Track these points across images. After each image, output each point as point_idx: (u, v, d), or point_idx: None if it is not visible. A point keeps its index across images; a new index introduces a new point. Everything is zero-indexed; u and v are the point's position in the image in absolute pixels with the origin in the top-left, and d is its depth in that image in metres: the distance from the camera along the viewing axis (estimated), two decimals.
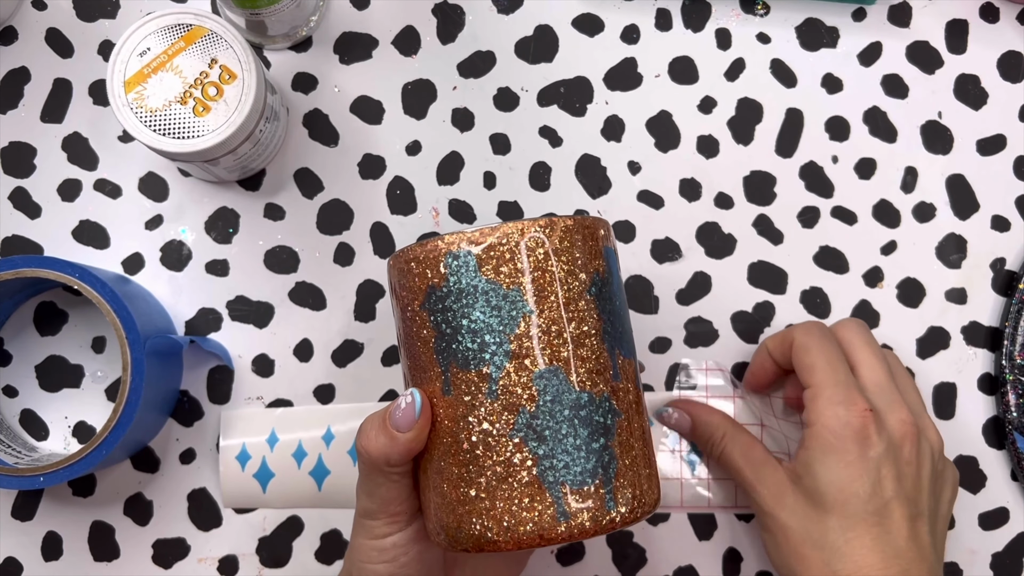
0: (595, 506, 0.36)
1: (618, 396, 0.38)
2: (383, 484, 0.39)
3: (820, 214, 0.54)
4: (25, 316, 0.53)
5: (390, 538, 0.40)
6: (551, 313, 0.37)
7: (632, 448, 0.38)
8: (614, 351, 0.38)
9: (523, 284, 0.37)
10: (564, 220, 0.38)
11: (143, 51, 0.46)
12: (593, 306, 0.38)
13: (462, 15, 0.54)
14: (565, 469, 0.36)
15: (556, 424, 0.36)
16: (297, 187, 0.53)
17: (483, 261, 0.37)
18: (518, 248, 0.37)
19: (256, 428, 0.52)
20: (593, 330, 0.37)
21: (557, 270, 0.37)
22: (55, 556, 0.52)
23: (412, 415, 0.37)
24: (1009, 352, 0.52)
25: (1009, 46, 0.55)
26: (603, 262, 0.39)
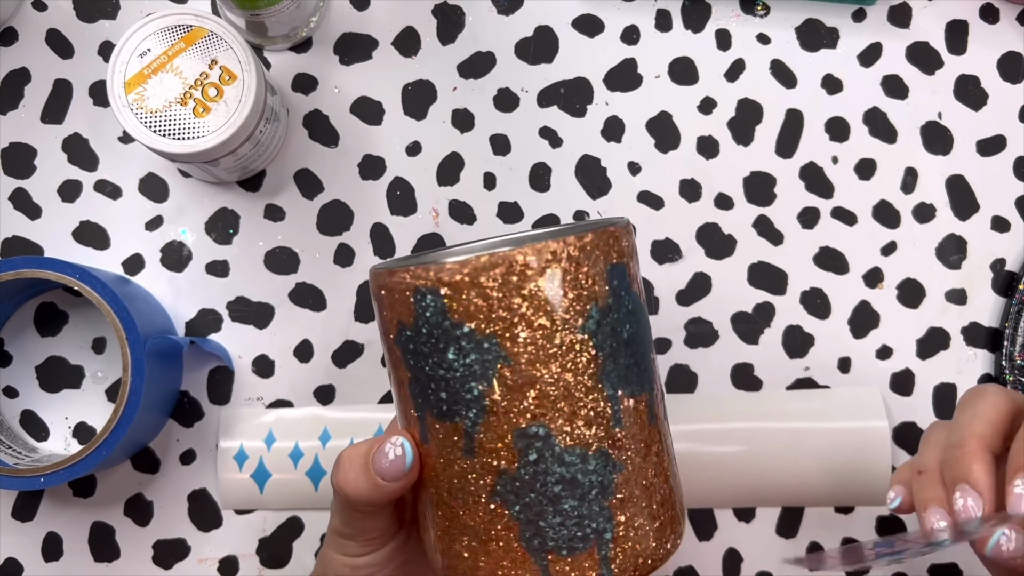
0: (587, 574, 0.32)
1: (619, 446, 0.33)
2: (359, 518, 0.37)
3: (820, 215, 0.54)
4: (25, 317, 0.53)
5: (363, 558, 0.38)
6: (533, 361, 0.31)
7: (636, 501, 0.33)
8: (616, 394, 0.33)
9: (498, 331, 0.31)
10: (554, 245, 0.32)
11: (143, 52, 0.46)
12: (589, 345, 0.32)
13: (462, 16, 0.54)
14: (553, 534, 0.32)
15: (541, 487, 0.32)
16: (297, 188, 0.53)
17: (453, 303, 0.31)
18: (493, 287, 0.31)
19: (254, 429, 0.52)
20: (586, 375, 0.32)
21: (540, 312, 0.32)
22: (55, 557, 0.52)
23: (401, 468, 0.34)
24: (1009, 353, 0.52)
25: (1009, 47, 0.55)
26: (605, 287, 0.32)
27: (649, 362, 0.34)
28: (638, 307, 0.34)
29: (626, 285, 0.33)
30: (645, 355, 0.34)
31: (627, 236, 0.34)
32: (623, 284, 0.33)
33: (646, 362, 0.34)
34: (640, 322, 0.34)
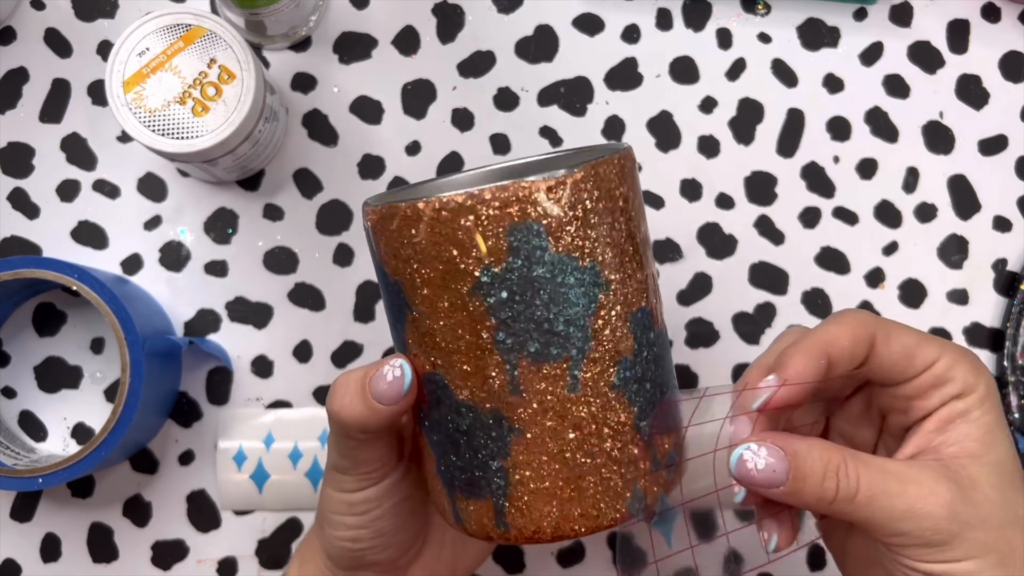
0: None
1: (514, 411, 0.33)
2: (355, 447, 0.36)
3: (821, 214, 0.54)
4: (24, 317, 0.53)
5: (360, 493, 0.37)
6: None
7: (538, 468, 0.33)
8: (513, 358, 0.32)
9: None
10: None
11: (142, 51, 0.45)
12: (481, 308, 0.32)
13: (462, 15, 0.54)
14: (458, 474, 0.34)
15: (443, 429, 0.34)
16: (296, 187, 0.53)
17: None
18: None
19: (253, 430, 0.52)
20: (482, 336, 0.32)
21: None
22: (54, 557, 0.52)
23: (399, 390, 0.33)
24: (1011, 353, 0.52)
25: (1011, 46, 0.55)
26: (503, 245, 0.32)
27: (574, 326, 0.32)
28: (548, 268, 0.32)
29: (535, 244, 0.31)
30: (561, 319, 0.32)
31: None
32: (527, 243, 0.31)
33: (567, 326, 0.32)
34: (556, 287, 0.32)
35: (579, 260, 0.32)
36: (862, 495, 0.32)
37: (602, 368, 0.32)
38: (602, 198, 0.32)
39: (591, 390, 0.32)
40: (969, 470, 0.33)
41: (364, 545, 0.38)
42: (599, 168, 0.32)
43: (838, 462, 0.32)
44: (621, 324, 0.33)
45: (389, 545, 0.39)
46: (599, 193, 0.32)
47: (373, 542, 0.38)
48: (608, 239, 0.32)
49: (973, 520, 0.32)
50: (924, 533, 0.31)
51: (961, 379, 0.34)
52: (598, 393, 0.32)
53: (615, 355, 0.32)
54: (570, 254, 0.31)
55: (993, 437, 0.33)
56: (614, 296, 0.32)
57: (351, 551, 0.38)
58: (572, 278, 0.32)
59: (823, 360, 0.34)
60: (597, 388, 0.32)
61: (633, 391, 0.33)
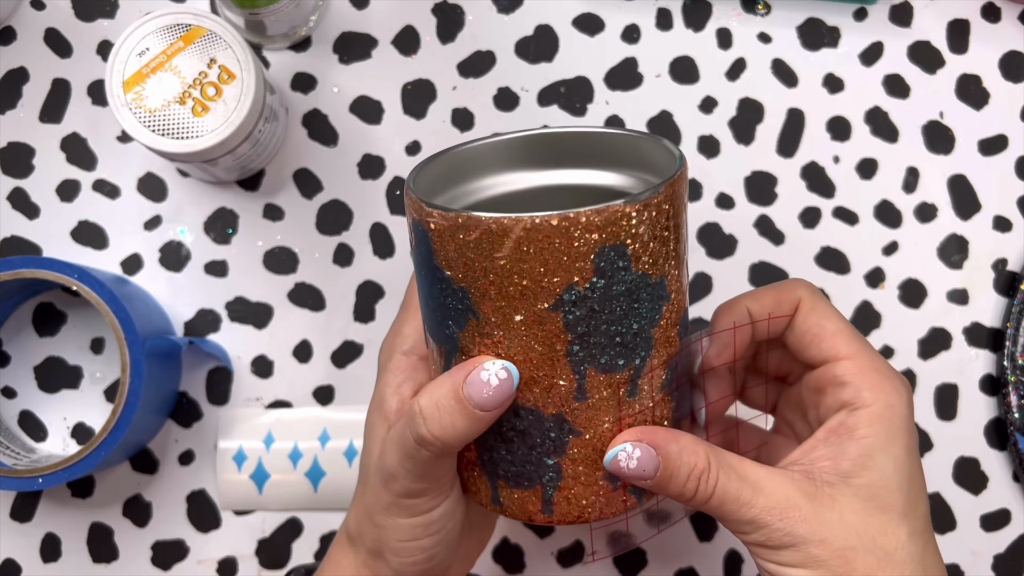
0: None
1: (577, 415, 0.34)
2: (443, 464, 0.34)
3: (821, 214, 0.54)
4: (24, 317, 0.53)
5: (437, 510, 0.35)
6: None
7: (590, 464, 0.34)
8: (582, 368, 0.33)
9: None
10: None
11: (142, 51, 0.45)
12: (559, 321, 0.32)
13: (462, 15, 0.54)
14: (504, 467, 0.34)
15: (496, 427, 0.34)
16: (296, 187, 0.53)
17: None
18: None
19: (253, 430, 0.52)
20: (554, 347, 0.33)
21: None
22: (54, 557, 0.52)
23: (508, 392, 0.32)
24: (1011, 353, 0.52)
25: (1011, 46, 0.54)
26: (588, 266, 0.32)
27: (640, 337, 0.33)
28: (628, 286, 0.32)
29: (620, 265, 0.32)
30: (631, 332, 0.33)
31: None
32: (613, 264, 0.32)
33: (634, 337, 0.33)
34: (631, 302, 0.32)
35: (651, 276, 0.32)
36: (715, 499, 0.33)
37: (657, 372, 0.34)
38: (674, 216, 0.33)
39: (646, 393, 0.34)
40: (833, 488, 0.34)
41: (436, 562, 0.37)
42: (675, 186, 0.33)
43: (703, 467, 0.34)
44: (674, 330, 0.34)
45: (454, 553, 0.38)
46: (673, 211, 0.33)
47: (444, 555, 0.37)
48: (673, 253, 0.33)
49: (813, 536, 0.33)
50: (762, 538, 0.33)
51: (856, 389, 0.35)
52: (651, 396, 0.34)
53: (666, 359, 0.34)
54: (646, 272, 0.32)
55: (870, 460, 0.34)
56: (672, 306, 0.34)
57: (424, 572, 0.37)
58: (644, 294, 0.32)
59: (743, 313, 0.37)
60: (651, 391, 0.34)
61: (674, 389, 0.35)
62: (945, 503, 0.52)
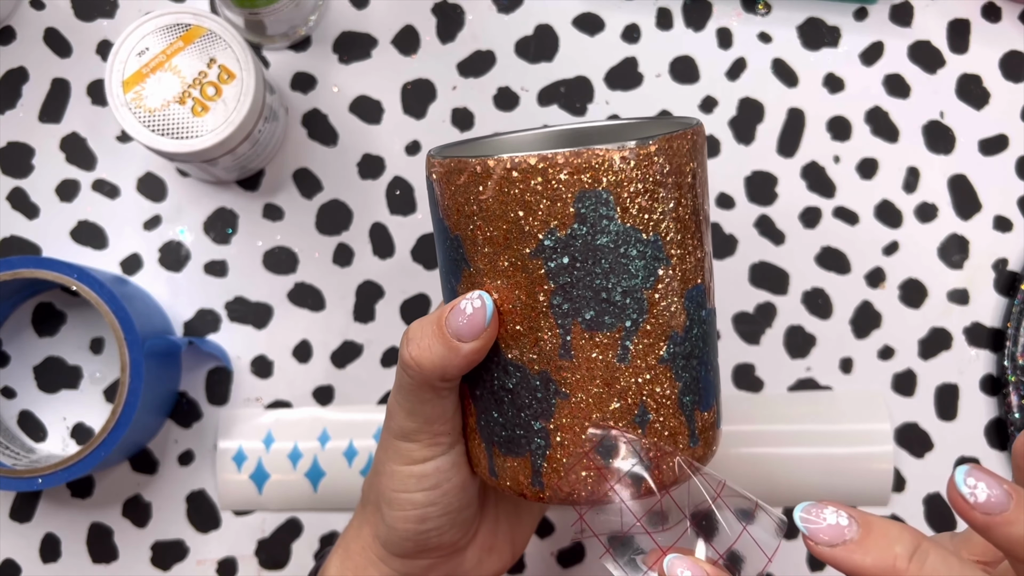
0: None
1: (563, 375, 0.33)
2: (429, 401, 0.34)
3: (822, 214, 0.54)
4: (23, 317, 0.53)
5: (431, 463, 0.35)
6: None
7: (579, 432, 0.33)
8: (567, 323, 0.33)
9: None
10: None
11: (141, 51, 0.45)
12: (542, 272, 0.32)
13: (462, 14, 0.54)
14: (498, 430, 0.34)
15: (489, 384, 0.34)
16: (296, 187, 0.53)
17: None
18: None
19: (253, 430, 0.52)
20: (538, 299, 0.32)
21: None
22: (53, 558, 0.52)
23: (481, 323, 0.32)
24: (1011, 353, 0.52)
25: (1011, 46, 0.54)
26: (570, 212, 0.31)
27: (631, 298, 0.32)
28: (613, 238, 0.32)
29: (603, 213, 0.31)
30: (620, 290, 0.32)
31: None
32: (595, 211, 0.31)
33: (624, 297, 0.32)
34: (618, 257, 0.32)
35: (643, 232, 0.32)
36: None
37: (653, 341, 0.32)
38: (672, 172, 0.32)
39: (640, 362, 0.32)
40: None
41: (431, 525, 0.36)
42: (673, 142, 0.32)
43: (912, 548, 0.28)
44: (676, 300, 0.33)
45: (455, 524, 0.37)
46: (670, 167, 0.32)
47: (440, 521, 0.37)
48: (673, 214, 0.32)
49: None
50: None
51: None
52: (647, 366, 0.32)
53: (667, 330, 0.33)
54: (635, 226, 0.31)
55: None
56: (673, 271, 0.32)
57: (417, 532, 0.37)
58: (634, 250, 0.32)
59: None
60: (646, 360, 0.32)
61: (680, 367, 0.33)
62: (945, 504, 0.52)
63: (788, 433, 0.51)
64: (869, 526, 0.28)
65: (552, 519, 0.52)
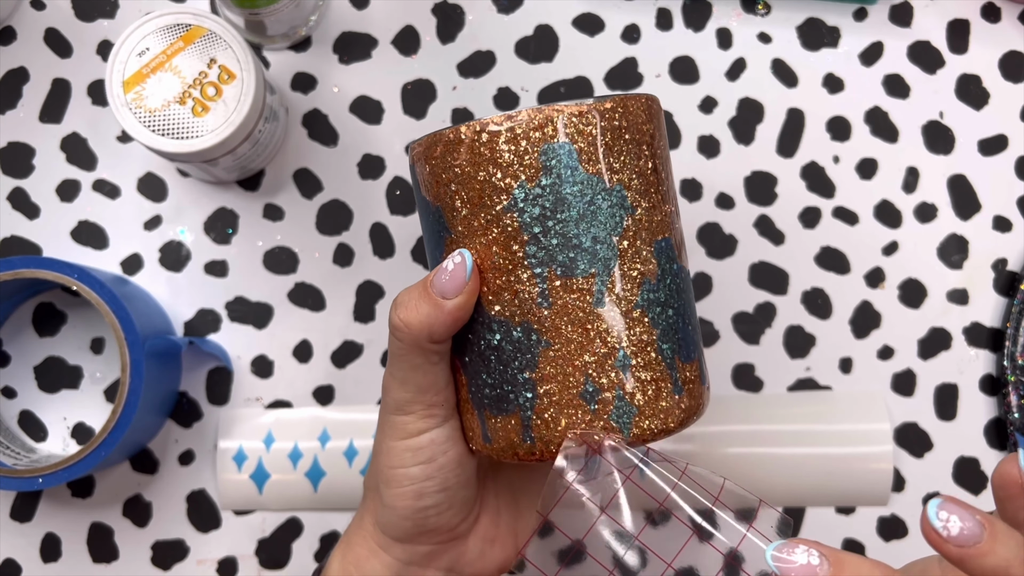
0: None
1: (545, 324, 0.34)
2: (420, 367, 0.35)
3: (821, 214, 0.54)
4: (24, 317, 0.53)
5: (427, 435, 0.36)
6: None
7: (563, 380, 0.34)
8: (543, 272, 0.34)
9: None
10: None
11: (142, 51, 0.45)
12: (514, 220, 0.34)
13: (462, 15, 0.54)
14: (488, 392, 0.35)
15: (477, 348, 0.35)
16: (296, 187, 0.53)
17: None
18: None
19: (253, 430, 0.52)
20: (512, 251, 0.34)
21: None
22: (54, 557, 0.52)
23: (462, 277, 0.34)
24: (1011, 353, 0.52)
25: (1011, 46, 0.54)
26: (537, 165, 0.34)
27: (601, 244, 0.34)
28: (580, 187, 0.34)
29: (567, 163, 0.33)
30: (590, 236, 0.34)
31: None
32: (561, 162, 0.33)
33: (594, 243, 0.34)
34: (585, 205, 0.34)
35: (607, 182, 0.34)
36: None
37: (627, 286, 0.34)
38: (629, 129, 0.34)
39: (616, 306, 0.34)
40: None
41: (429, 502, 0.36)
42: (628, 102, 0.35)
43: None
44: (645, 248, 0.34)
45: (453, 504, 0.37)
46: (627, 124, 0.34)
47: (438, 497, 0.37)
48: (635, 167, 0.34)
49: None
50: None
51: None
52: (623, 310, 0.34)
53: (639, 276, 0.34)
54: (599, 176, 0.34)
55: None
56: (640, 221, 0.34)
57: (415, 510, 0.37)
58: (600, 198, 0.34)
59: None
60: (622, 305, 0.34)
61: (656, 313, 0.34)
62: None
63: (788, 433, 0.51)
64: (840, 564, 0.29)
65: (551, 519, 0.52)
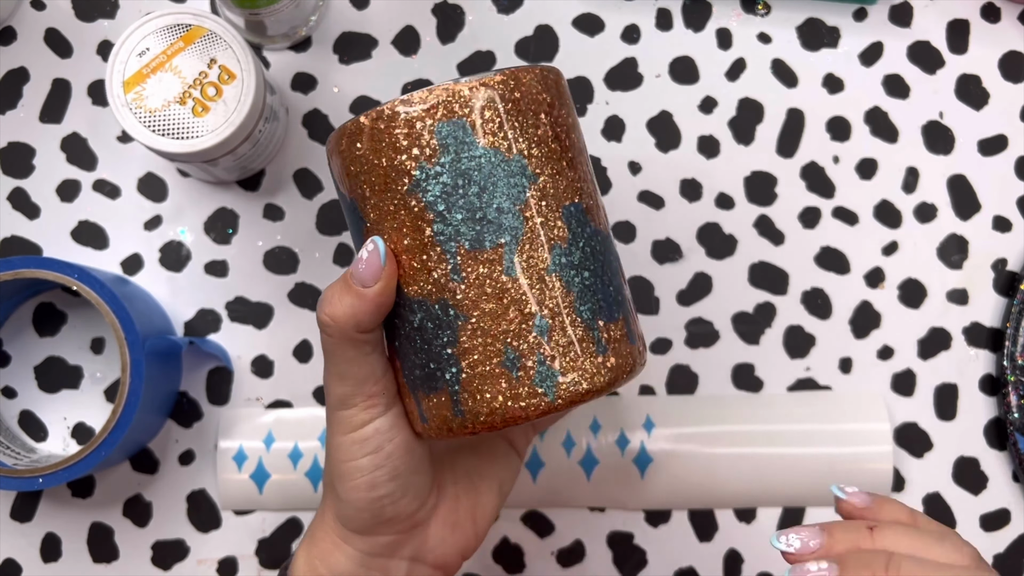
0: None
1: (459, 298, 0.35)
2: (355, 359, 0.36)
3: (821, 214, 0.54)
4: (24, 317, 0.53)
5: (370, 425, 0.36)
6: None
7: (484, 351, 0.35)
8: (452, 247, 0.35)
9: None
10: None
11: (142, 51, 0.45)
12: (420, 201, 0.34)
13: (462, 15, 0.54)
14: (419, 373, 0.36)
15: (402, 331, 0.36)
16: (296, 187, 0.53)
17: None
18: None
19: (254, 430, 0.52)
20: (419, 230, 0.35)
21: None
22: (54, 557, 0.52)
23: (377, 264, 0.34)
24: (1010, 353, 0.52)
25: (1010, 46, 0.55)
26: (435, 143, 0.34)
27: (506, 214, 0.34)
28: (478, 161, 0.34)
29: (464, 140, 0.34)
30: (493, 207, 0.34)
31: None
32: (457, 139, 0.34)
33: (499, 214, 0.34)
34: (486, 178, 0.34)
35: (505, 154, 0.34)
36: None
37: (536, 252, 0.34)
38: (524, 100, 0.35)
39: (526, 273, 0.34)
40: None
41: (382, 491, 0.37)
42: (519, 74, 0.35)
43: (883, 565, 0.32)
44: (552, 214, 0.35)
45: (407, 491, 0.38)
46: (520, 95, 0.35)
47: (390, 486, 0.37)
48: (534, 137, 0.35)
49: None
50: None
51: None
52: (534, 276, 0.34)
53: (548, 242, 0.35)
54: (496, 148, 0.34)
55: None
56: (542, 189, 0.35)
57: (370, 501, 0.37)
58: (500, 170, 0.34)
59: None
60: (532, 271, 0.34)
61: (571, 276, 0.35)
62: (945, 503, 0.52)
63: (788, 433, 0.51)
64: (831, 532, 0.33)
65: (552, 519, 0.52)
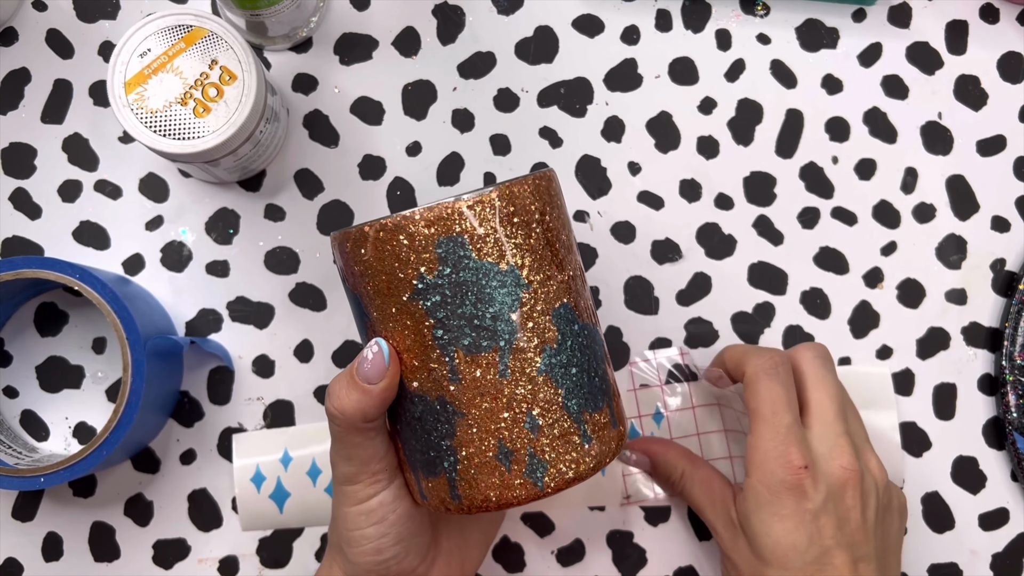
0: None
1: (457, 397, 0.38)
2: (360, 443, 0.39)
3: (820, 215, 0.54)
4: (26, 317, 0.53)
5: (375, 498, 0.40)
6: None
7: (479, 444, 0.38)
8: (451, 352, 0.38)
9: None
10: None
11: (143, 52, 0.46)
12: (421, 310, 0.37)
13: (462, 16, 0.54)
14: (419, 457, 0.39)
15: (404, 418, 0.39)
16: (297, 188, 0.53)
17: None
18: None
19: (269, 447, 0.51)
20: (421, 335, 0.37)
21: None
22: (55, 557, 0.52)
23: (382, 364, 0.37)
24: (1009, 353, 0.52)
25: (1009, 47, 0.55)
26: (435, 257, 0.37)
27: (501, 321, 0.37)
28: (474, 273, 0.37)
29: (461, 254, 0.37)
30: (489, 315, 0.37)
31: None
32: (454, 253, 0.37)
33: (494, 321, 0.37)
34: (481, 288, 0.37)
35: (499, 264, 0.37)
36: (684, 493, 0.49)
37: (528, 356, 0.37)
38: (517, 213, 0.37)
39: (519, 375, 0.37)
40: (745, 482, 0.44)
41: (388, 555, 0.40)
42: (512, 188, 0.37)
43: (679, 474, 0.49)
44: (544, 318, 0.38)
45: (410, 551, 0.41)
46: (514, 209, 0.37)
47: (395, 549, 0.40)
48: (526, 247, 0.37)
49: (730, 554, 0.45)
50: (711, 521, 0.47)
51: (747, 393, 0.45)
52: (527, 378, 0.37)
53: (540, 344, 0.37)
54: (491, 260, 0.37)
55: (753, 459, 0.44)
56: (535, 294, 0.37)
57: (377, 563, 0.40)
58: (495, 280, 0.37)
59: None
60: (525, 373, 0.37)
61: (560, 375, 0.38)
62: (944, 502, 0.53)
63: None
64: (655, 456, 0.51)
65: (551, 518, 0.52)
